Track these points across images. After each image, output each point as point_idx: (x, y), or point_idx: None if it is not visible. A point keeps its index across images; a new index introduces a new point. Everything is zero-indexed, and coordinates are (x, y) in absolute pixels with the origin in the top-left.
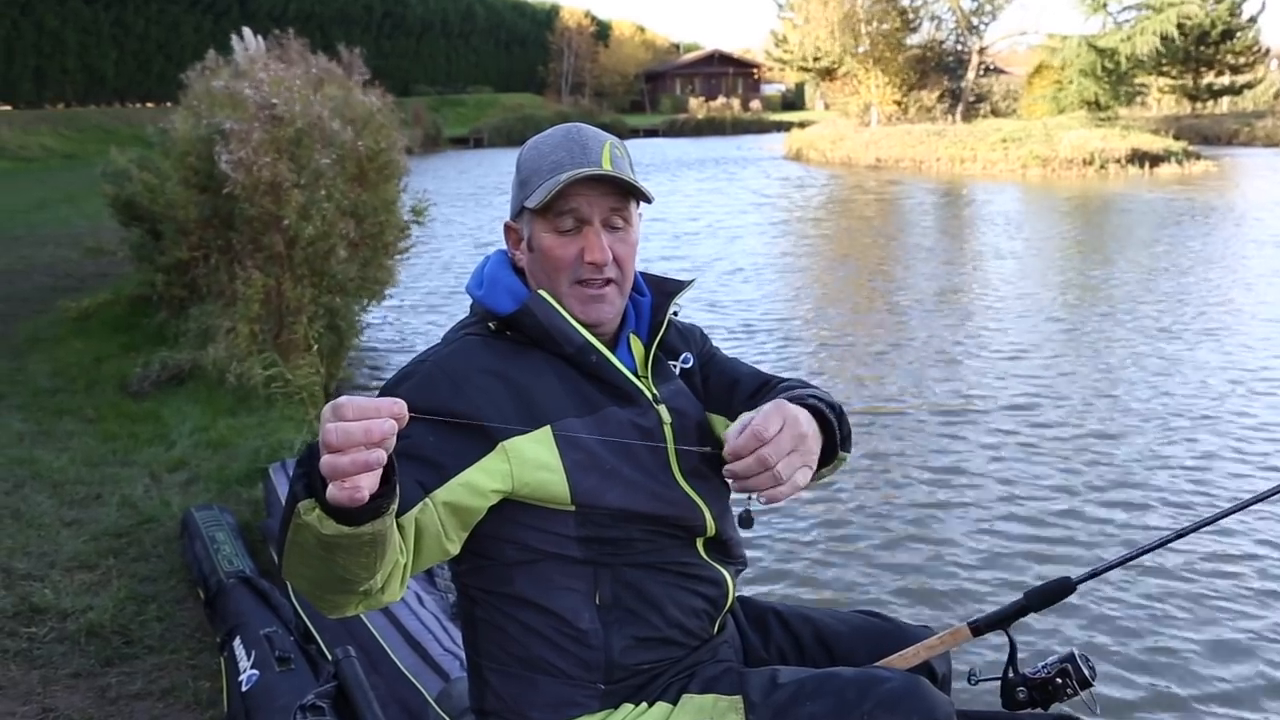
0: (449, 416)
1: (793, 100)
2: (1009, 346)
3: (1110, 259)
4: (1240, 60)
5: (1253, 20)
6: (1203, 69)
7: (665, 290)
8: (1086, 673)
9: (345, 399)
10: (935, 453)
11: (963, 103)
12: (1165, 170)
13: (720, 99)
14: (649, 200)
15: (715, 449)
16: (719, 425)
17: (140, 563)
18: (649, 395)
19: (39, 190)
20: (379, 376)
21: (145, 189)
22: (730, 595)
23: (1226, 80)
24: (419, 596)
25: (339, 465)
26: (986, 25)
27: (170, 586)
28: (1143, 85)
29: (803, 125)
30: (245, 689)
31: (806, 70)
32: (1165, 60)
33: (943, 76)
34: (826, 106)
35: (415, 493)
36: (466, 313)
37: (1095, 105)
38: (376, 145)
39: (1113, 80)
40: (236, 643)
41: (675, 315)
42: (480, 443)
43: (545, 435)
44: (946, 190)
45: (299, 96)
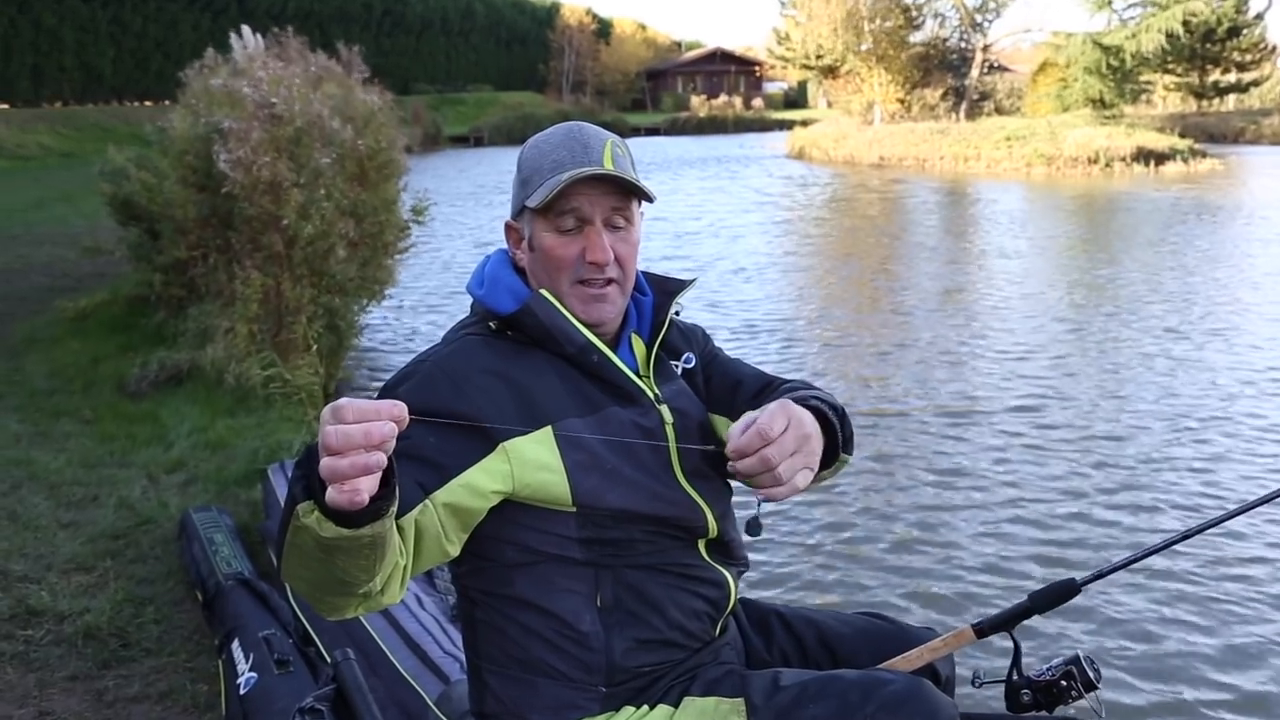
0: (449, 417)
1: (795, 98)
2: (1014, 347)
3: (1116, 258)
4: (1246, 57)
5: (1259, 17)
6: (1209, 66)
7: (667, 290)
8: (1092, 675)
9: (345, 401)
10: (939, 454)
11: (966, 101)
12: (1171, 168)
13: (722, 97)
14: (651, 199)
15: (717, 449)
16: (721, 426)
17: (138, 564)
18: (651, 395)
19: (36, 189)
20: (378, 377)
21: (143, 188)
22: (732, 597)
23: (1233, 78)
24: (419, 598)
25: (338, 468)
26: (990, 22)
27: (168, 588)
28: (1148, 83)
29: (805, 123)
30: (243, 692)
31: (809, 68)
32: (1171, 57)
33: (946, 74)
34: (829, 105)
35: (415, 494)
36: (467, 312)
37: (1100, 103)
38: (377, 144)
39: (1118, 78)
40: (235, 645)
41: (677, 315)
42: (481, 443)
43: (546, 435)
44: (950, 189)
45: (298, 95)
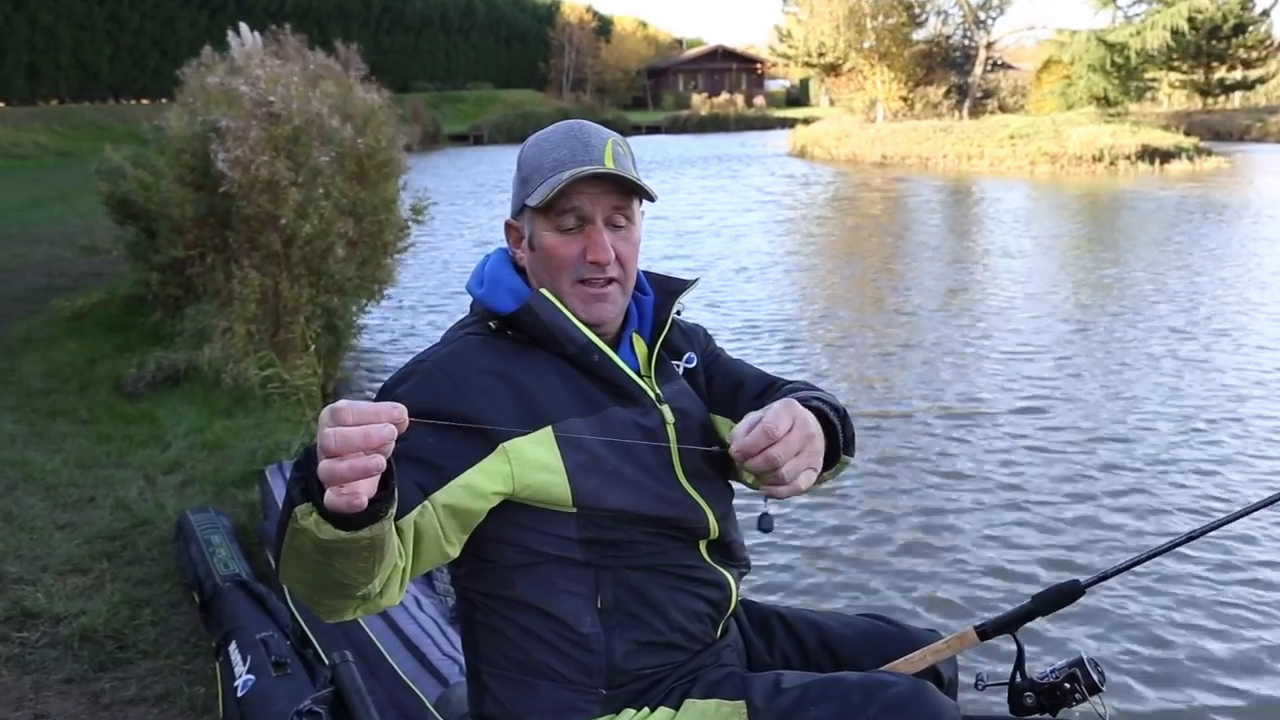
0: (449, 417)
1: (797, 96)
2: (1019, 348)
3: (1121, 258)
4: (1252, 54)
5: (1265, 14)
6: (1214, 63)
7: (668, 289)
8: (1095, 678)
9: (344, 403)
10: (943, 456)
11: (970, 99)
12: (1176, 167)
13: (723, 95)
14: (652, 198)
15: (721, 450)
16: (723, 427)
17: (134, 566)
18: (652, 395)
19: (32, 188)
20: (377, 377)
21: (140, 187)
22: (733, 598)
23: (1238, 75)
24: (417, 600)
25: (337, 471)
26: (994, 20)
27: (165, 590)
28: (1153, 80)
29: (807, 122)
30: (241, 694)
31: (811, 66)
32: (1176, 55)
33: (949, 72)
34: (831, 103)
35: (414, 495)
36: (466, 312)
37: (1105, 101)
38: (376, 143)
39: (1122, 75)
40: (232, 647)
41: (678, 315)
42: (480, 444)
43: (546, 436)
44: (954, 188)
45: (296, 93)
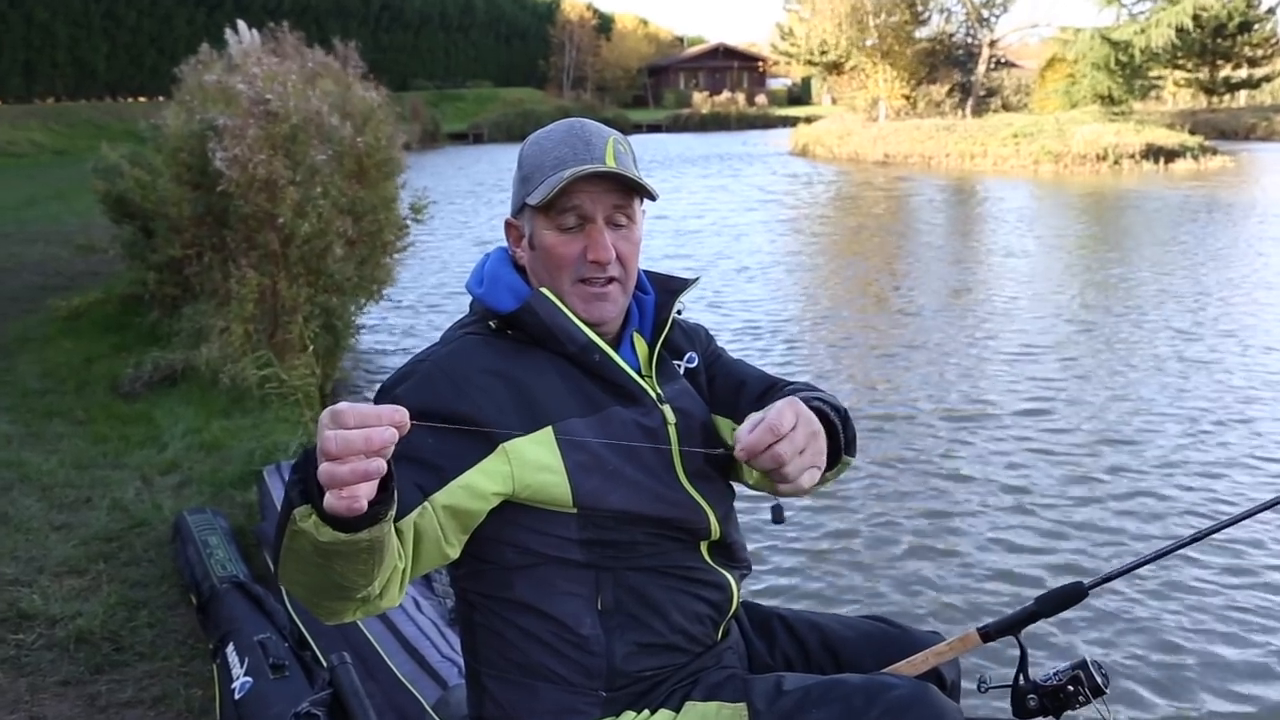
0: (449, 417)
1: (799, 95)
2: (1023, 348)
3: (1126, 257)
4: (1258, 53)
5: (1271, 12)
6: (1219, 62)
7: (669, 288)
8: (1099, 680)
9: (345, 405)
10: (947, 457)
11: (973, 97)
12: (1181, 166)
13: (725, 93)
14: (653, 197)
15: (724, 451)
16: (724, 427)
17: (131, 567)
18: (653, 395)
19: (28, 186)
20: (376, 377)
21: (137, 185)
22: (734, 600)
23: (1244, 73)
24: (416, 602)
25: (338, 474)
26: (997, 18)
27: (161, 592)
28: (1157, 79)
29: (809, 120)
30: (238, 697)
31: (813, 64)
32: (1180, 53)
33: (952, 70)
34: (833, 101)
35: (414, 496)
36: (466, 312)
37: (1109, 99)
38: (375, 141)
39: (1127, 74)
40: (229, 649)
41: (679, 314)
42: (480, 444)
43: (547, 436)
44: (956, 187)
45: (294, 91)
